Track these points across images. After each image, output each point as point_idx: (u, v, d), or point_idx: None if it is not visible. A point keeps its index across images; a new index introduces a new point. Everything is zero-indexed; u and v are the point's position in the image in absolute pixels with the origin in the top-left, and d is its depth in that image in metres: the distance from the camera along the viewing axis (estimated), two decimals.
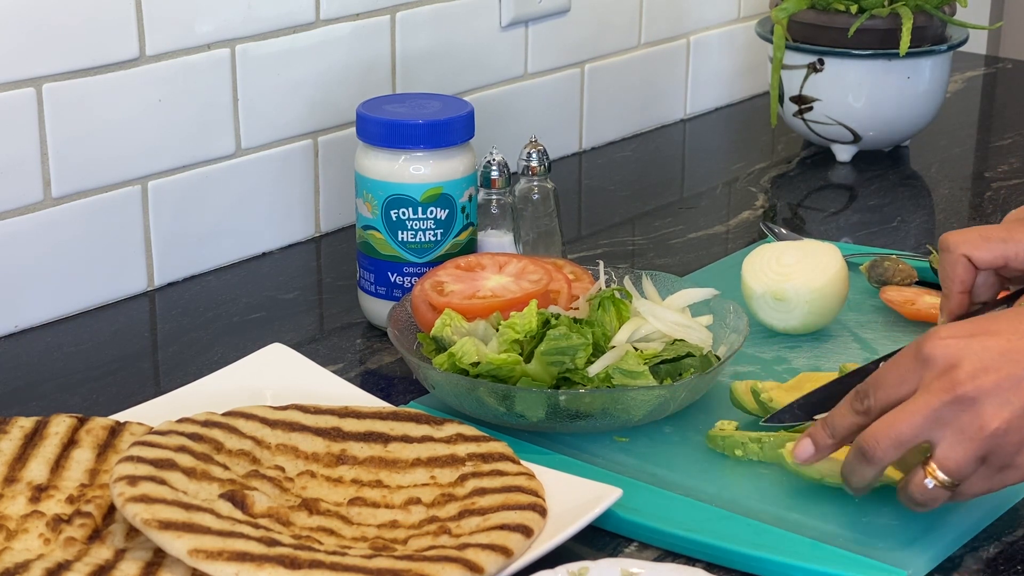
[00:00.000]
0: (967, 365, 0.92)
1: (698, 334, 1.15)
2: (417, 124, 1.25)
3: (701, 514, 1.01)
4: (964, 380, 0.92)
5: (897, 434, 0.93)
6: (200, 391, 1.14)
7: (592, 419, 1.09)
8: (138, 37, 1.33)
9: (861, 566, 0.95)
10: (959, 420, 0.92)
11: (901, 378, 0.95)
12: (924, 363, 0.94)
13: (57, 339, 1.30)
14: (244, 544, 0.88)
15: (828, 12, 1.68)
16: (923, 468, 0.94)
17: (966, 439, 0.92)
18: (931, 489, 0.94)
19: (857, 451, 0.96)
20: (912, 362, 0.95)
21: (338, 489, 1.00)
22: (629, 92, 1.83)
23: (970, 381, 0.92)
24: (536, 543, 0.94)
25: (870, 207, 1.62)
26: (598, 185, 1.69)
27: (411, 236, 1.26)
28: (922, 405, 0.93)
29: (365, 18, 1.51)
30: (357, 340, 1.30)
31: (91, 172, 1.33)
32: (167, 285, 1.41)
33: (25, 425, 1.05)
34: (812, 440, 0.99)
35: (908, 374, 0.95)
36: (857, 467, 0.96)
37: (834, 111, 1.71)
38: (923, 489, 0.94)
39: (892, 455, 0.94)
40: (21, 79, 1.26)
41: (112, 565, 0.91)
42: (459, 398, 1.11)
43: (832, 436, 0.98)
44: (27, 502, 0.97)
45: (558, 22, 1.71)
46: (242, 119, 1.43)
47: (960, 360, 0.93)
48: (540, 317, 1.12)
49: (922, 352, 0.94)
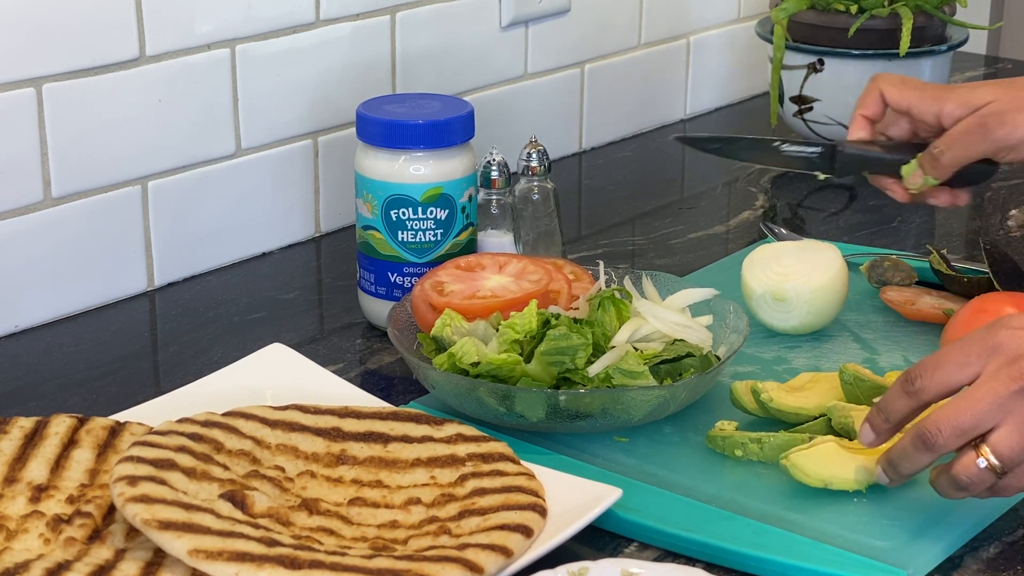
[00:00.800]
0: None
1: (698, 334, 1.15)
2: (417, 124, 1.25)
3: (701, 514, 1.01)
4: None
5: (960, 422, 0.92)
6: (200, 391, 1.14)
7: (592, 419, 1.09)
8: (138, 37, 1.33)
9: (861, 566, 0.95)
10: (1022, 410, 0.91)
11: (964, 362, 0.94)
12: (993, 351, 0.93)
13: (57, 339, 1.30)
14: (244, 544, 0.88)
15: (828, 12, 1.68)
16: (974, 450, 0.93)
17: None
18: (980, 470, 0.93)
19: (916, 437, 0.94)
20: (980, 347, 0.94)
21: (338, 489, 1.00)
22: (629, 92, 1.83)
23: None
24: (536, 543, 0.94)
25: (870, 207, 1.62)
26: (598, 185, 1.69)
27: (411, 236, 1.26)
28: (988, 392, 0.92)
29: (365, 18, 1.51)
30: (357, 340, 1.30)
31: (91, 172, 1.33)
32: (167, 285, 1.41)
33: (25, 425, 1.05)
34: (871, 426, 0.99)
35: (972, 359, 0.94)
36: (913, 454, 0.95)
37: (834, 111, 1.71)
38: (972, 469, 0.93)
39: (954, 443, 0.93)
40: (21, 79, 1.26)
41: (112, 565, 0.91)
42: (459, 398, 1.11)
43: (887, 420, 0.98)
44: (27, 502, 0.97)
45: (558, 22, 1.71)
46: (242, 119, 1.43)
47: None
48: (540, 317, 1.12)
49: (993, 340, 0.93)
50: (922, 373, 0.95)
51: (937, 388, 0.95)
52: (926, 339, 1.25)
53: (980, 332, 0.95)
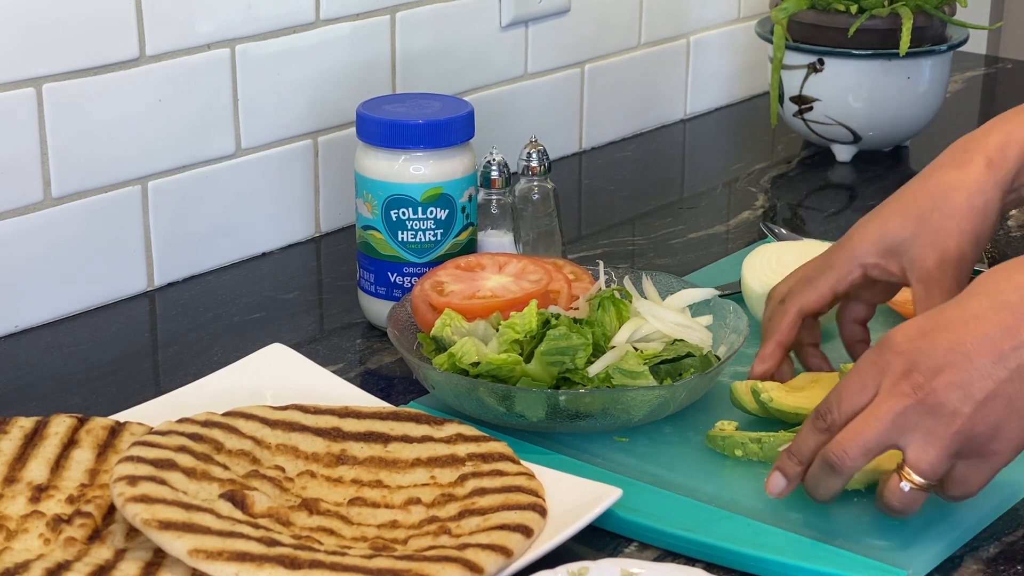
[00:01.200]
0: (923, 367, 0.92)
1: (698, 334, 1.15)
2: (417, 124, 1.25)
3: (701, 514, 1.01)
4: (922, 383, 0.92)
5: (864, 441, 0.93)
6: (200, 391, 1.14)
7: (592, 419, 1.09)
8: (138, 37, 1.33)
9: (861, 566, 0.95)
10: (924, 423, 0.92)
11: (862, 386, 0.95)
12: (883, 370, 0.94)
13: (57, 339, 1.30)
14: (244, 544, 0.88)
15: (828, 12, 1.68)
16: (897, 473, 0.94)
17: (935, 439, 0.92)
18: (908, 493, 0.94)
19: (823, 463, 0.95)
20: (871, 368, 0.95)
21: (338, 489, 1.00)
22: (629, 92, 1.83)
23: (928, 383, 0.92)
24: (536, 543, 0.94)
25: (870, 207, 1.60)
26: (598, 185, 1.69)
27: (411, 236, 1.26)
28: (886, 411, 0.93)
29: (365, 18, 1.51)
30: (357, 340, 1.30)
31: (91, 172, 1.33)
32: (167, 285, 1.41)
33: (25, 425, 1.05)
34: (782, 472, 0.99)
35: (868, 381, 0.95)
36: (824, 479, 0.96)
37: (834, 111, 1.71)
38: (900, 494, 0.94)
39: (861, 463, 0.94)
40: (21, 79, 1.26)
41: (112, 565, 0.91)
42: (459, 398, 1.11)
43: (800, 463, 0.98)
44: (27, 502, 0.97)
45: (558, 22, 1.71)
46: (242, 119, 1.43)
47: (916, 363, 0.92)
48: (540, 317, 1.12)
49: (880, 359, 0.94)
50: (830, 408, 0.96)
51: (846, 418, 0.95)
52: None
53: (870, 354, 0.96)
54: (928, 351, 0.93)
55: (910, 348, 0.93)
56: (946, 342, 0.92)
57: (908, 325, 0.95)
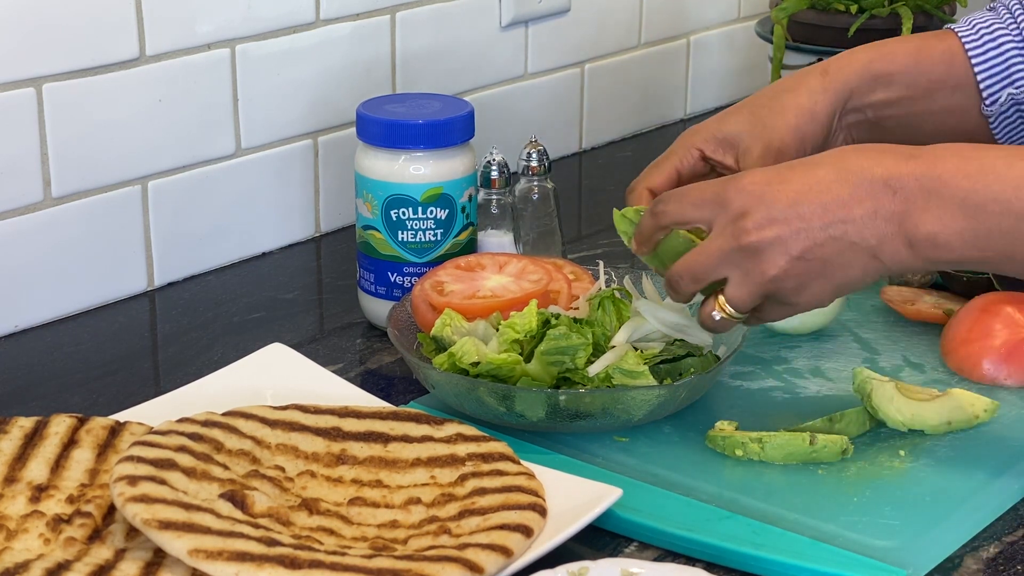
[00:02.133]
0: (756, 215, 1.01)
1: (698, 334, 1.15)
2: (417, 124, 1.25)
3: (701, 514, 1.01)
4: (751, 230, 1.01)
5: (695, 272, 1.04)
6: (200, 391, 1.14)
7: (592, 419, 1.09)
8: (138, 37, 1.33)
9: (861, 566, 0.95)
10: (745, 264, 1.02)
11: (699, 203, 1.04)
12: (721, 205, 1.03)
13: (57, 339, 1.30)
14: (244, 544, 0.88)
15: (828, 12, 1.68)
16: (714, 299, 1.05)
17: (750, 282, 1.02)
18: (719, 320, 1.05)
19: (667, 283, 1.07)
20: (712, 196, 1.03)
21: (338, 489, 1.00)
22: (629, 92, 1.83)
23: (756, 232, 1.01)
24: (536, 543, 0.94)
25: None
26: (598, 185, 1.69)
27: (411, 236, 1.26)
28: (714, 249, 1.03)
29: (365, 18, 1.51)
30: (357, 340, 1.30)
31: (91, 172, 1.33)
32: (167, 285, 1.41)
33: (25, 425, 1.05)
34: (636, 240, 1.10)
35: (706, 205, 1.04)
36: (672, 294, 1.07)
37: None
38: (711, 319, 1.05)
39: (694, 288, 1.05)
40: (21, 79, 1.26)
41: (112, 565, 0.91)
42: (459, 398, 1.11)
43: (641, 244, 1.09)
44: (27, 502, 0.97)
45: (558, 22, 1.71)
46: (242, 119, 1.43)
47: (751, 209, 1.01)
48: (540, 317, 1.12)
49: (724, 193, 1.03)
50: (667, 200, 1.06)
51: (673, 218, 1.06)
52: (926, 339, 1.25)
53: (719, 181, 1.05)
54: (768, 202, 1.01)
55: (752, 192, 1.02)
56: (786, 198, 1.01)
57: (757, 173, 1.03)
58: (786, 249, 1.00)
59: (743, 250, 1.01)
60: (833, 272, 1.01)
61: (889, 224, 0.99)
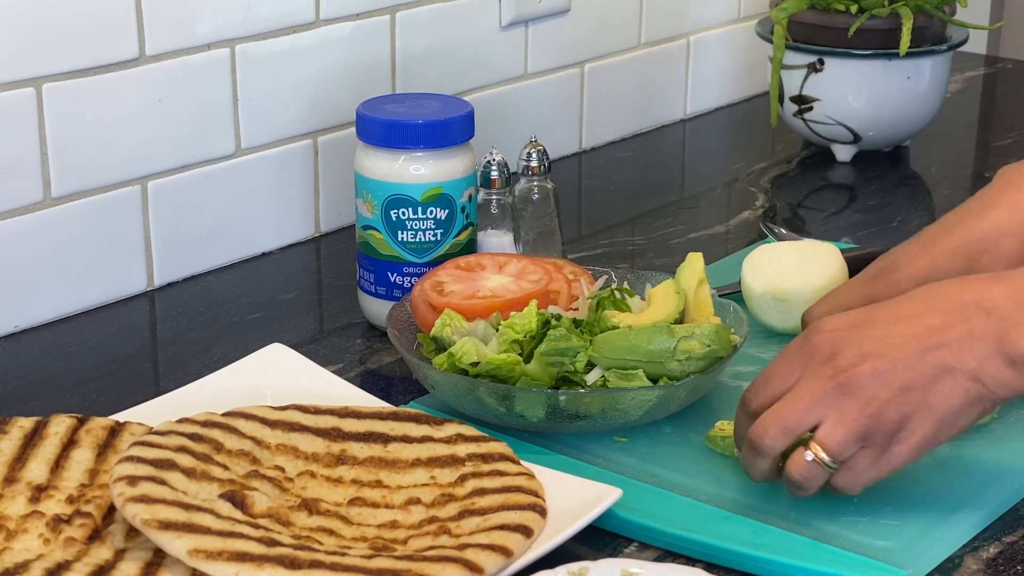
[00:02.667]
0: (848, 353, 0.95)
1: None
2: (417, 124, 1.25)
3: (701, 514, 1.01)
4: (845, 367, 0.95)
5: (783, 421, 0.96)
6: (200, 391, 1.14)
7: (592, 419, 1.09)
8: (138, 37, 1.33)
9: (861, 566, 0.95)
10: (841, 403, 0.95)
11: (788, 372, 0.98)
12: (809, 355, 0.97)
13: (57, 339, 1.30)
14: (244, 544, 0.88)
15: (828, 12, 1.68)
16: (805, 446, 0.97)
17: (848, 419, 0.95)
18: (809, 464, 0.96)
19: (749, 445, 0.98)
20: (798, 355, 0.98)
21: (338, 489, 1.00)
22: (629, 92, 1.83)
23: (851, 367, 0.95)
24: (536, 543, 0.94)
25: (870, 207, 1.62)
26: (598, 185, 1.69)
27: (411, 236, 1.26)
28: (806, 392, 0.96)
29: (365, 18, 1.51)
30: (357, 340, 1.30)
31: (91, 172, 1.33)
32: (167, 285, 1.41)
33: (25, 425, 1.05)
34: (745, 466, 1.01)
35: (794, 367, 0.98)
36: (752, 460, 0.99)
37: (834, 111, 1.71)
38: (802, 464, 0.96)
39: (781, 443, 0.97)
40: (21, 79, 1.26)
41: (112, 565, 0.91)
42: (459, 398, 1.11)
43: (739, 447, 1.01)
44: (27, 502, 0.97)
45: (558, 22, 1.71)
46: (242, 119, 1.43)
47: (842, 349, 0.96)
48: (540, 317, 1.12)
49: (807, 345, 0.98)
50: (755, 394, 0.99)
51: (770, 401, 0.98)
52: None
53: (797, 341, 0.99)
54: (856, 340, 0.96)
55: (838, 336, 0.97)
56: (876, 334, 0.96)
57: (839, 316, 0.99)
58: (884, 381, 0.94)
59: (840, 388, 0.95)
60: (935, 403, 0.95)
61: (987, 344, 0.94)
